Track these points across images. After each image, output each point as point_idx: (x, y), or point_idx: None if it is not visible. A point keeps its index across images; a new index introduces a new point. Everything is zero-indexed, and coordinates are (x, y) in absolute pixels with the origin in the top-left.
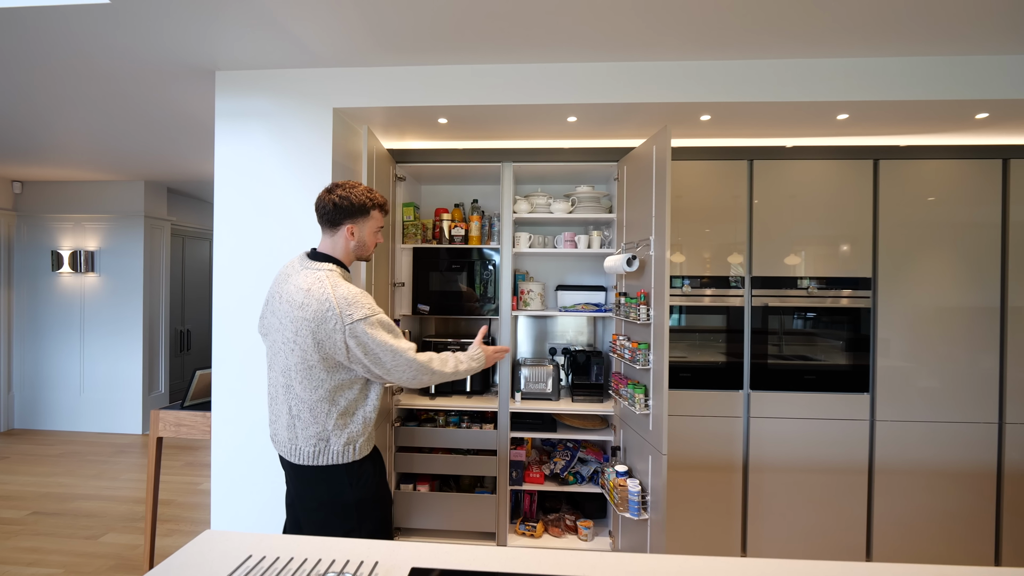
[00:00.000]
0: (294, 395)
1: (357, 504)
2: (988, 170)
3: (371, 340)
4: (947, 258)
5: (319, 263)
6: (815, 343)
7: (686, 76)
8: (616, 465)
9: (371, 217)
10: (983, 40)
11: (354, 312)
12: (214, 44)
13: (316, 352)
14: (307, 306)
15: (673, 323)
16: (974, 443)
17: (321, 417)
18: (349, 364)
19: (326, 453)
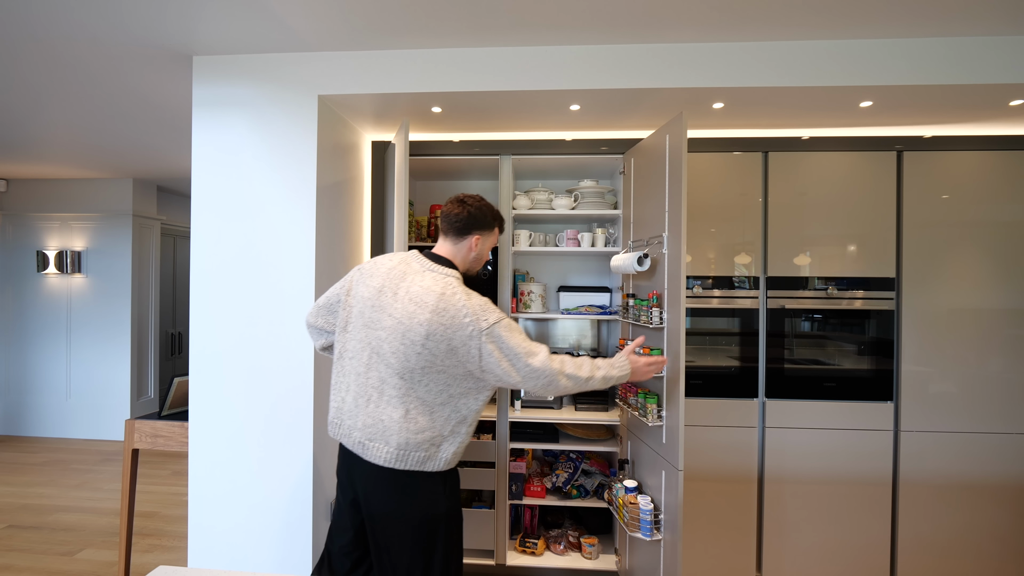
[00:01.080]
0: (414, 397)
1: (447, 515)
2: (1022, 162)
3: (506, 344)
4: (977, 257)
5: (444, 267)
6: (835, 348)
7: (698, 59)
8: (625, 480)
9: (493, 232)
10: (1021, 19)
11: (489, 317)
12: (190, 26)
13: (449, 357)
14: (444, 311)
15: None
16: (1007, 455)
17: (439, 422)
18: (481, 372)
19: (434, 459)
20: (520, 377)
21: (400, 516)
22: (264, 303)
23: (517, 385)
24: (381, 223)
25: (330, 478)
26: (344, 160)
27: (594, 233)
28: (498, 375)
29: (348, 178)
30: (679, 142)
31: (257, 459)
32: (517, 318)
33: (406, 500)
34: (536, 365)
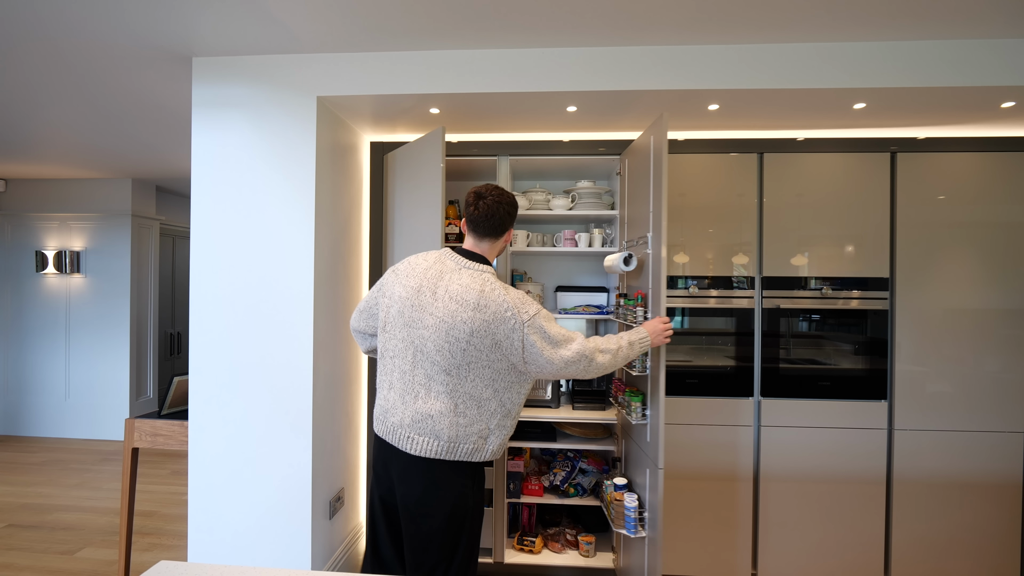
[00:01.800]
0: (463, 392)
1: (473, 509)
2: (1014, 163)
3: (547, 337)
4: (970, 257)
5: (480, 264)
6: (829, 347)
7: (694, 61)
8: (615, 477)
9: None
10: (1012, 22)
11: (529, 309)
12: (190, 27)
13: (493, 352)
14: (486, 307)
15: (676, 326)
16: (999, 454)
17: (486, 415)
18: (524, 365)
19: (482, 451)
20: (562, 363)
21: (431, 507)
22: (263, 303)
23: (558, 372)
24: (380, 222)
25: (328, 476)
26: (342, 160)
27: (591, 234)
28: (540, 364)
29: (346, 178)
30: (661, 143)
31: (256, 457)
32: None
33: (438, 492)
34: (577, 348)
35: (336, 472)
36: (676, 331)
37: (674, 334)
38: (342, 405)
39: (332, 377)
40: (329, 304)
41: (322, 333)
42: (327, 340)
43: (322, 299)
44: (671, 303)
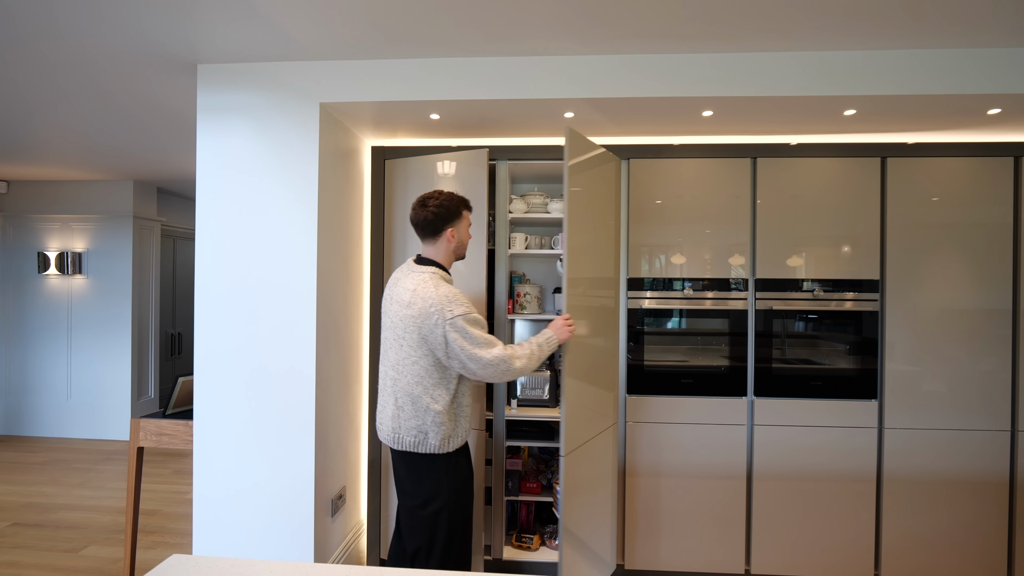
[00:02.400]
0: (400, 388)
1: (448, 499)
2: (999, 168)
3: (468, 337)
4: (957, 259)
5: (423, 267)
6: (821, 348)
7: (688, 69)
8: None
9: (463, 217)
10: (997, 31)
11: (454, 308)
12: (195, 35)
13: (420, 347)
14: (413, 304)
15: (674, 326)
16: (986, 451)
17: (421, 411)
18: (447, 360)
19: (424, 444)
20: (482, 363)
21: (409, 493)
22: (267, 304)
23: (479, 371)
24: (381, 225)
25: (330, 475)
26: (344, 164)
27: None
28: (462, 360)
29: (348, 182)
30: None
31: (260, 457)
32: (513, 319)
33: (414, 480)
34: (496, 353)
35: (338, 471)
36: (673, 331)
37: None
38: (343, 405)
39: (334, 378)
40: (331, 306)
41: (324, 335)
42: (329, 342)
43: (325, 302)
44: (670, 304)
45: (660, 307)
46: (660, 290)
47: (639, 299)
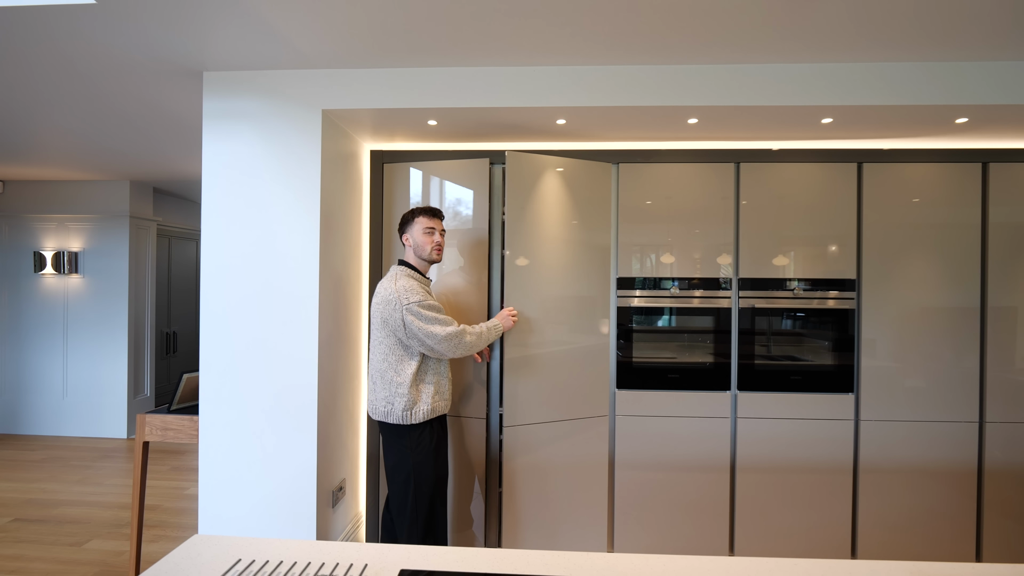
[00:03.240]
0: (373, 366)
1: (413, 467)
2: (968, 173)
3: (422, 317)
4: (929, 259)
5: (395, 267)
6: (801, 344)
7: (674, 80)
8: None
9: (415, 222)
10: (963, 46)
11: (410, 296)
12: (203, 45)
13: (383, 330)
14: (378, 294)
15: (663, 324)
16: (956, 442)
17: (387, 383)
18: (408, 340)
19: (391, 414)
20: (436, 339)
21: (385, 462)
22: (271, 302)
23: (435, 346)
24: (379, 226)
25: (331, 467)
26: (344, 168)
27: None
28: (420, 339)
29: (348, 185)
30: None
31: (264, 451)
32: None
33: (385, 449)
34: (450, 330)
35: (338, 464)
36: (662, 329)
37: (653, 331)
38: (343, 401)
39: (335, 374)
40: (332, 305)
41: (326, 333)
42: (331, 340)
43: (326, 301)
44: (657, 303)
45: (648, 305)
46: (648, 289)
47: (628, 298)
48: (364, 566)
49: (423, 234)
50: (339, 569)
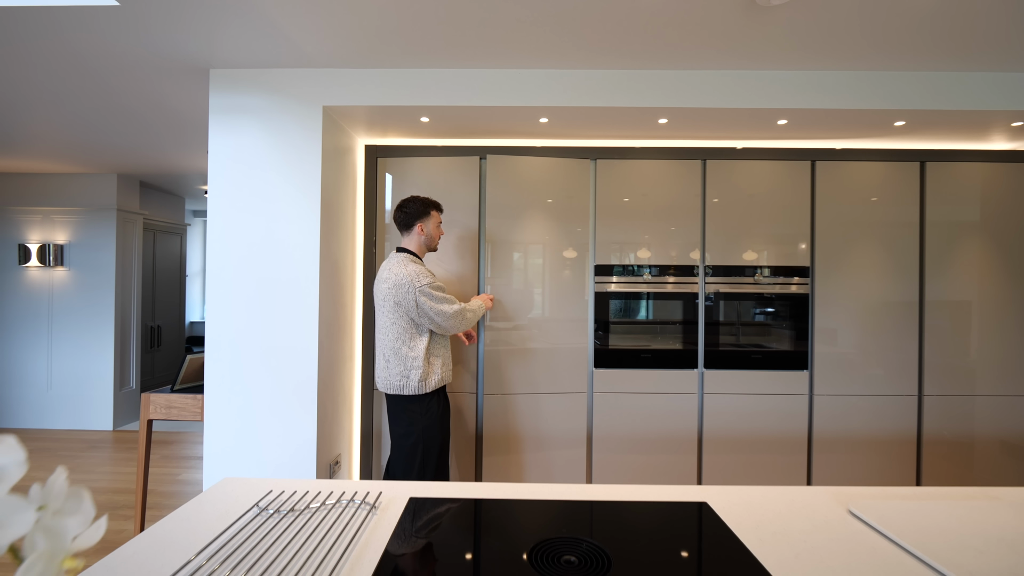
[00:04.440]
0: (386, 345)
1: (423, 435)
2: (908, 171)
3: (433, 297)
4: (873, 250)
5: (399, 254)
6: (762, 325)
7: (646, 83)
8: None
9: (431, 216)
10: (902, 57)
11: (421, 280)
12: (211, 43)
13: (396, 311)
14: (389, 279)
15: (638, 308)
16: (897, 413)
17: (402, 359)
18: (419, 319)
19: (407, 386)
20: (445, 316)
21: (395, 430)
22: (273, 287)
23: (443, 323)
24: (373, 216)
25: (329, 443)
26: (341, 161)
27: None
28: (430, 316)
29: (344, 177)
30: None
31: (266, 427)
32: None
33: (397, 418)
34: (456, 308)
35: (335, 440)
36: (636, 312)
37: (627, 315)
38: (340, 380)
39: (333, 355)
40: (331, 292)
41: (325, 316)
42: (329, 323)
43: (326, 288)
44: (632, 288)
45: (623, 290)
46: (623, 275)
47: (605, 283)
48: (379, 493)
49: (436, 227)
50: (358, 496)
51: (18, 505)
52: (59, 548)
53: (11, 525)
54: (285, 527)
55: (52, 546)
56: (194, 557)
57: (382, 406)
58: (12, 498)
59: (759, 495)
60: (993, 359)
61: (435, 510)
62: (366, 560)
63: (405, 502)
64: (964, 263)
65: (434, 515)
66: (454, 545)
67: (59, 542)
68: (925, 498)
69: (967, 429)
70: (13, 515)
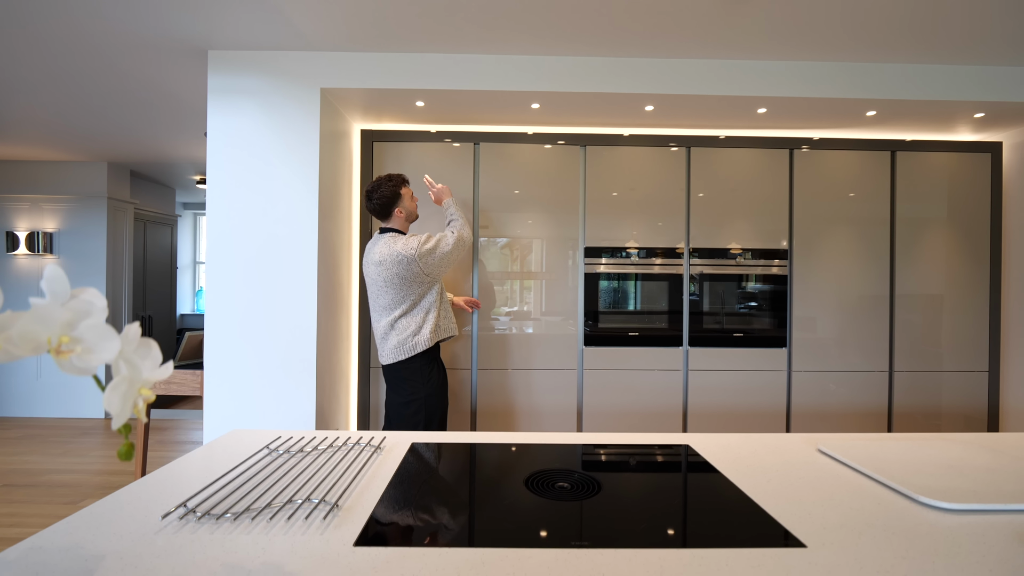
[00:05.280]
0: (383, 317)
1: (425, 398)
2: (880, 160)
3: (432, 253)
4: (848, 233)
5: (384, 234)
6: (743, 304)
7: (633, 70)
8: None
9: (403, 195)
10: (874, 48)
11: (414, 246)
12: (210, 24)
13: (390, 285)
14: (385, 261)
15: (626, 288)
16: (870, 388)
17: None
18: (434, 275)
19: (407, 350)
20: (451, 254)
21: (395, 399)
22: (273, 266)
23: (453, 256)
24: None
25: (326, 416)
26: (337, 144)
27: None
28: (444, 265)
29: (341, 160)
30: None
31: (265, 403)
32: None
33: (398, 388)
34: (450, 239)
35: (332, 416)
36: (624, 292)
37: (616, 295)
38: (337, 356)
39: (330, 332)
40: (329, 271)
41: (323, 294)
42: (327, 300)
43: (324, 267)
44: (624, 270)
45: (612, 272)
46: (612, 258)
47: (595, 265)
48: (383, 438)
49: (410, 201)
50: (363, 440)
51: (109, 334)
52: (137, 377)
53: (103, 350)
54: (295, 463)
55: (132, 374)
56: (210, 484)
57: (379, 384)
58: (106, 327)
59: (737, 439)
60: (959, 337)
61: (437, 452)
62: (374, 487)
63: (408, 446)
64: (929, 246)
65: (437, 455)
66: (457, 475)
67: (137, 373)
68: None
69: (934, 402)
70: (105, 341)
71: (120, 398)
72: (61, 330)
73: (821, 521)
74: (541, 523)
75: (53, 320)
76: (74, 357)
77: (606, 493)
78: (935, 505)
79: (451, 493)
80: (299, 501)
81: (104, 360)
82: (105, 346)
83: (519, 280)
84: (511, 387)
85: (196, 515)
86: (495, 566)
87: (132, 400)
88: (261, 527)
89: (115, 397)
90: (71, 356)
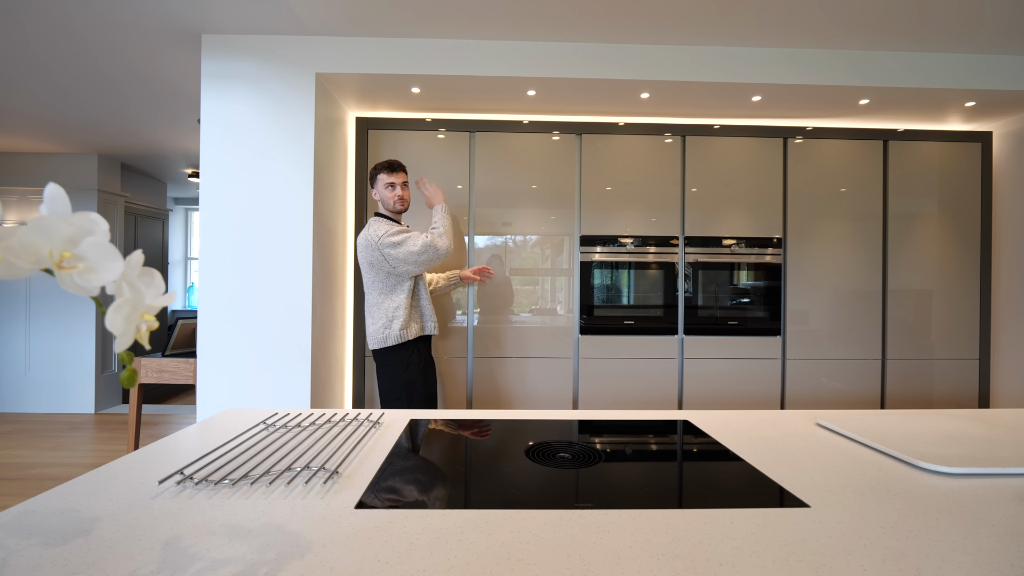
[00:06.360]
0: (369, 301)
1: (406, 383)
2: (873, 149)
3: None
4: (841, 222)
5: (373, 218)
6: (738, 293)
7: (629, 57)
8: None
9: (377, 180)
10: (867, 36)
11: (379, 234)
12: (205, 6)
13: (372, 271)
14: (360, 243)
15: (621, 277)
16: (863, 376)
17: (383, 311)
18: (399, 269)
19: (389, 336)
20: (415, 255)
21: (381, 384)
22: (268, 251)
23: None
24: (364, 187)
25: (322, 402)
26: (332, 131)
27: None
28: (403, 260)
29: (336, 147)
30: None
31: (260, 388)
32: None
33: (382, 373)
34: (422, 241)
35: (327, 403)
36: (619, 281)
37: (611, 283)
38: (331, 341)
39: (324, 317)
40: (324, 257)
41: (318, 280)
42: (322, 286)
43: (319, 252)
44: (620, 258)
45: (607, 260)
46: (607, 246)
47: (590, 253)
48: (381, 414)
49: (384, 189)
50: (361, 416)
51: (112, 253)
52: (140, 302)
53: (105, 270)
54: (293, 436)
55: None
56: (206, 453)
57: (374, 371)
58: (109, 246)
59: (735, 415)
60: (950, 325)
61: (437, 427)
62: (375, 456)
63: (406, 423)
64: (921, 235)
65: (436, 429)
66: (458, 447)
67: (139, 297)
68: (885, 415)
69: (926, 389)
70: (108, 261)
71: (123, 319)
72: (63, 245)
73: (823, 485)
74: (543, 489)
75: (55, 232)
76: (75, 275)
77: (607, 462)
78: (935, 470)
79: (452, 462)
80: (298, 468)
81: (106, 280)
82: (108, 266)
83: (515, 269)
84: (507, 375)
85: (193, 481)
86: (498, 526)
87: (135, 323)
88: (260, 492)
89: (118, 318)
90: (72, 273)
